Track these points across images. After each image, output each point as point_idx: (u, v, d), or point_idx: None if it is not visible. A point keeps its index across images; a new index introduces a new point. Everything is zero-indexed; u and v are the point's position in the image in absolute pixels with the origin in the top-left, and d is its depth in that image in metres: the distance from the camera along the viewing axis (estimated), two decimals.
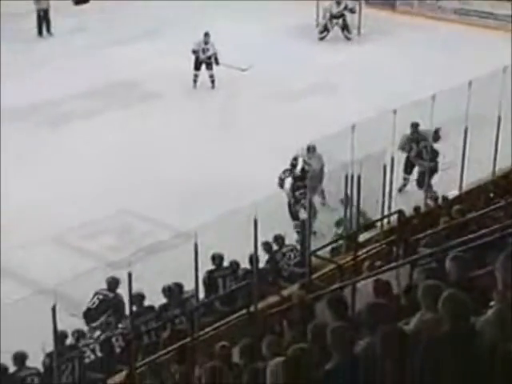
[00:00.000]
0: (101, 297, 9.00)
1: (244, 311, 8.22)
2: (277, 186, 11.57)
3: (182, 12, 21.00)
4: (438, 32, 19.70)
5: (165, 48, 18.14)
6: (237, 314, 8.29)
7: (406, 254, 7.87)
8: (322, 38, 20.19)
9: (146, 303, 8.88)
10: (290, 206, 11.51)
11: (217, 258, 9.42)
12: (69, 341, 8.29)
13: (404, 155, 12.28)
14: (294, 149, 12.04)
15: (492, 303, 4.23)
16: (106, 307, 8.91)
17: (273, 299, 8.56)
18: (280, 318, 7.15)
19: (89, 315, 8.94)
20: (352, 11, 20.13)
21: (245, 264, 9.39)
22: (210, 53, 16.68)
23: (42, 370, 8.05)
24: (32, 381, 7.82)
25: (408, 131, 12.29)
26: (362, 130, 10.20)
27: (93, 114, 15.72)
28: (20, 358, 7.88)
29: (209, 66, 16.76)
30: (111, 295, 8.99)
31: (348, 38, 20.15)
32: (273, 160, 12.46)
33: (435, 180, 11.99)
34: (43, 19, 19.95)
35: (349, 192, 9.79)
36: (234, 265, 9.41)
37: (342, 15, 20.10)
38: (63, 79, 16.95)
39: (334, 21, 20.13)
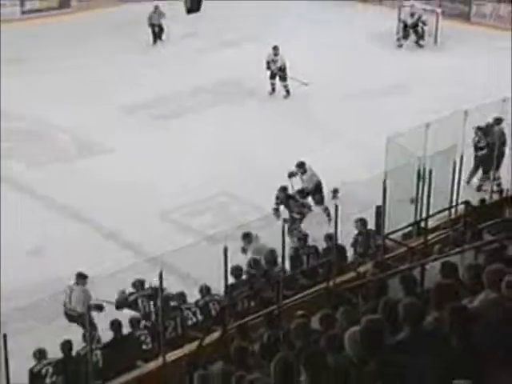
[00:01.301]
0: None
1: (324, 284, 8.17)
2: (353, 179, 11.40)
3: (279, 19, 21.11)
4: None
5: (265, 51, 18.06)
6: (317, 287, 8.24)
7: (471, 239, 7.66)
8: (399, 46, 19.95)
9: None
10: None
11: (301, 238, 9.39)
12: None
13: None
14: (371, 144, 11.91)
15: None
16: None
17: (350, 275, 8.47)
18: (355, 292, 7.07)
19: None
20: (424, 24, 19.87)
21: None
22: (278, 64, 16.38)
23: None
24: (145, 338, 8.01)
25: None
26: (434, 129, 9.97)
27: (199, 109, 15.88)
28: (136, 321, 8.13)
29: (281, 77, 16.50)
30: None
31: (420, 46, 19.83)
32: (352, 155, 12.35)
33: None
34: (157, 31, 20.03)
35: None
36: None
37: (416, 25, 19.84)
38: (175, 78, 17.19)
39: (410, 30, 19.89)
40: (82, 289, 8.78)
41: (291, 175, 11.49)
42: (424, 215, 9.41)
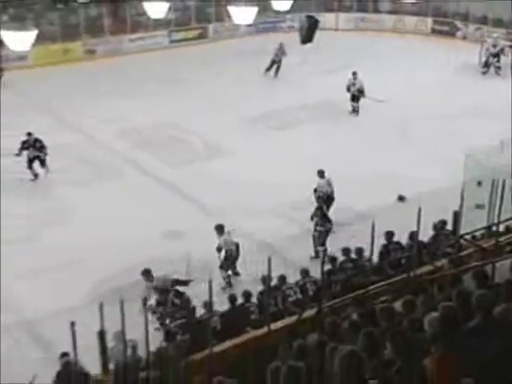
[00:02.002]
0: None
1: (405, 275, 7.99)
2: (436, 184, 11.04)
3: (374, 51, 20.84)
4: None
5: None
6: (400, 277, 8.07)
7: None
8: (484, 73, 19.28)
9: None
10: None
11: (389, 235, 9.26)
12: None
13: None
14: (452, 159, 11.59)
15: None
16: None
17: (428, 267, 8.25)
18: (432, 283, 6.87)
19: None
20: (504, 54, 19.20)
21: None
22: (357, 86, 16.04)
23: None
24: (254, 310, 8.12)
25: None
26: (508, 147, 9.56)
27: (304, 122, 15.93)
28: (247, 295, 8.23)
29: (358, 99, 16.16)
30: None
31: (498, 73, 19.11)
32: (435, 167, 12.06)
33: None
34: (275, 66, 19.49)
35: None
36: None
37: (497, 55, 19.14)
38: (287, 97, 17.33)
39: (491, 59, 19.26)
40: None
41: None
42: (496, 220, 9.01)
